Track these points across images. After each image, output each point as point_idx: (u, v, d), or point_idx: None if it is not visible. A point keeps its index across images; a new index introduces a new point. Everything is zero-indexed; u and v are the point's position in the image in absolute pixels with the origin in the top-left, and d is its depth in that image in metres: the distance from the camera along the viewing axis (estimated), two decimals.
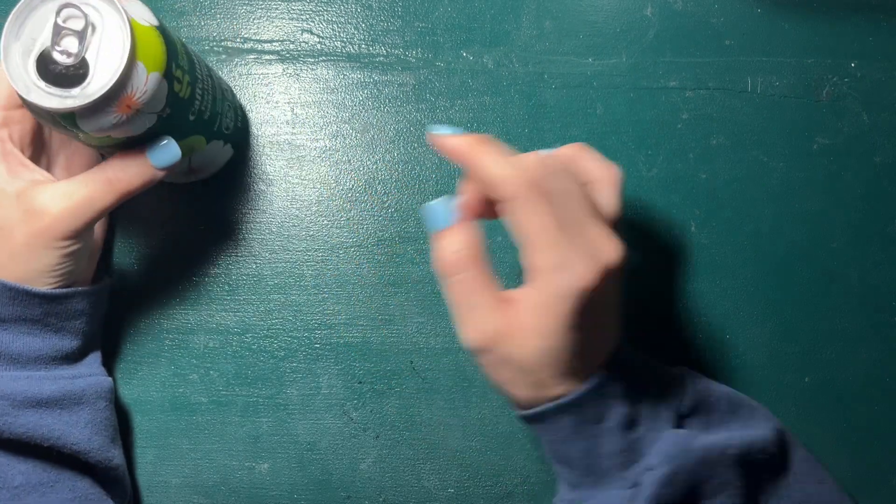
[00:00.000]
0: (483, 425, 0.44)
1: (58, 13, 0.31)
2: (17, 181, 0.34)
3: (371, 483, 0.44)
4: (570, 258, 0.30)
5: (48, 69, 0.32)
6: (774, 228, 0.46)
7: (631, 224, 0.46)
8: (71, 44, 0.31)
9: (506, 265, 0.45)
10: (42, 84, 0.31)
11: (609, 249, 0.30)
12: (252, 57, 0.46)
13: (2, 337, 0.35)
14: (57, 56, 0.31)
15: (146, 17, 0.33)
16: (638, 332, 0.45)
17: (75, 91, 0.31)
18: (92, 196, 0.34)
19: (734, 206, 0.46)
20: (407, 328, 0.45)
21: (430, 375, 0.44)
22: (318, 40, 0.47)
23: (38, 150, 0.38)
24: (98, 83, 0.31)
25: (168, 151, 0.35)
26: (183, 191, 0.45)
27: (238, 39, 0.47)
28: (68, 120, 0.32)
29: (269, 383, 0.44)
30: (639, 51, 0.47)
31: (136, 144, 0.35)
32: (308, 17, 0.47)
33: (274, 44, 0.47)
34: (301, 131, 0.46)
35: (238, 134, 0.44)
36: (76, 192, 0.34)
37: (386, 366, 0.44)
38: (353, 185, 0.46)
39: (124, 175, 0.35)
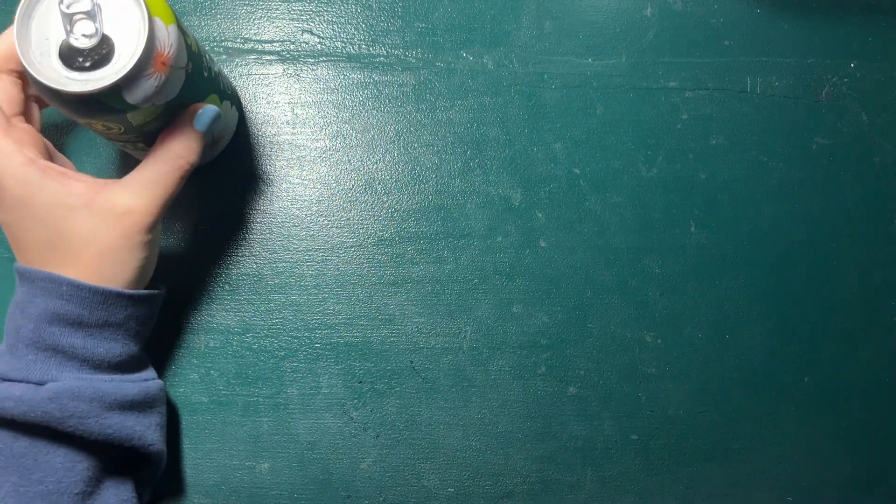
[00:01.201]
0: (483, 425, 0.44)
1: (60, 2, 0.31)
2: (73, 191, 0.34)
3: (371, 483, 0.44)
4: None
5: (73, 63, 0.32)
6: (774, 228, 0.46)
7: (631, 224, 0.46)
8: (86, 26, 0.32)
9: (505, 265, 0.45)
10: (75, 75, 0.31)
11: None
12: (252, 57, 0.46)
13: (86, 342, 0.35)
14: (76, 42, 0.31)
15: None
16: (638, 333, 0.45)
17: (109, 68, 0.32)
18: (167, 181, 0.35)
19: (734, 206, 0.46)
20: (407, 328, 0.45)
21: (430, 375, 0.44)
22: (318, 41, 0.47)
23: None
24: (128, 51, 0.32)
25: (207, 112, 0.36)
26: (182, 190, 0.45)
27: (238, 40, 0.47)
28: (114, 97, 0.32)
29: (269, 383, 0.44)
30: (639, 51, 0.47)
31: (172, 116, 0.36)
32: (308, 17, 0.47)
33: (274, 44, 0.47)
34: (301, 131, 0.46)
35: (237, 96, 0.45)
36: (151, 181, 0.35)
37: (386, 366, 0.44)
38: (353, 185, 0.46)
39: (183, 149, 0.36)
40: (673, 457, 0.45)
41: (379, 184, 0.46)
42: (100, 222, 0.34)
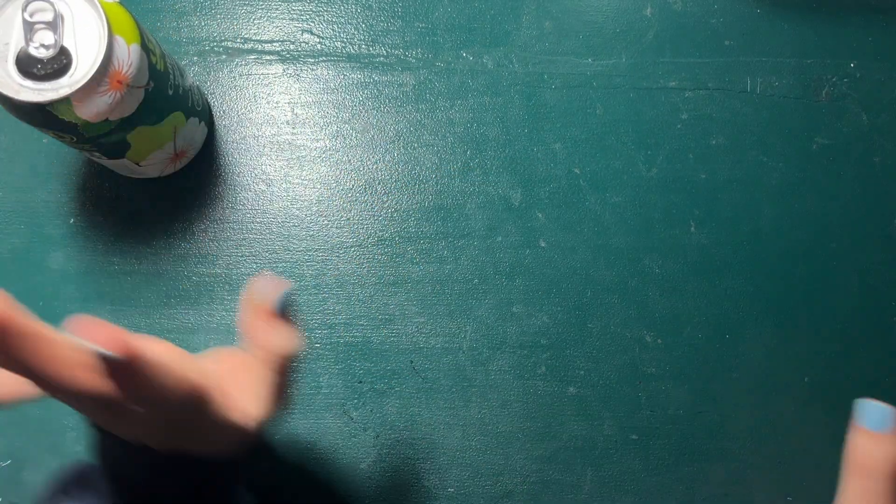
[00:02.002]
0: (483, 425, 0.44)
1: (24, 10, 0.31)
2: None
3: (371, 482, 0.44)
4: None
5: (29, 72, 0.32)
6: (774, 228, 0.46)
7: (631, 224, 0.46)
8: (46, 36, 0.32)
9: (505, 265, 0.45)
10: (29, 83, 0.31)
11: None
12: (252, 57, 0.46)
13: None
14: (35, 52, 0.31)
15: None
16: (638, 333, 0.45)
17: (64, 80, 0.32)
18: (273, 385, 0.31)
19: (734, 206, 0.46)
20: (407, 328, 0.45)
21: (430, 375, 0.44)
22: (318, 40, 0.47)
23: None
24: (84, 65, 0.32)
25: (280, 296, 0.31)
26: (183, 190, 0.45)
27: (238, 40, 0.47)
28: (65, 110, 0.32)
29: None
30: (639, 51, 0.47)
31: (131, 128, 0.35)
32: (308, 17, 0.47)
33: (274, 44, 0.47)
34: (301, 132, 0.46)
35: (208, 112, 0.45)
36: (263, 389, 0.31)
37: (386, 366, 0.44)
38: (353, 185, 0.46)
39: (277, 346, 0.31)
40: (673, 457, 0.45)
41: (379, 184, 0.46)
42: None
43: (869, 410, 0.33)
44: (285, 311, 0.32)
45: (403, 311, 0.45)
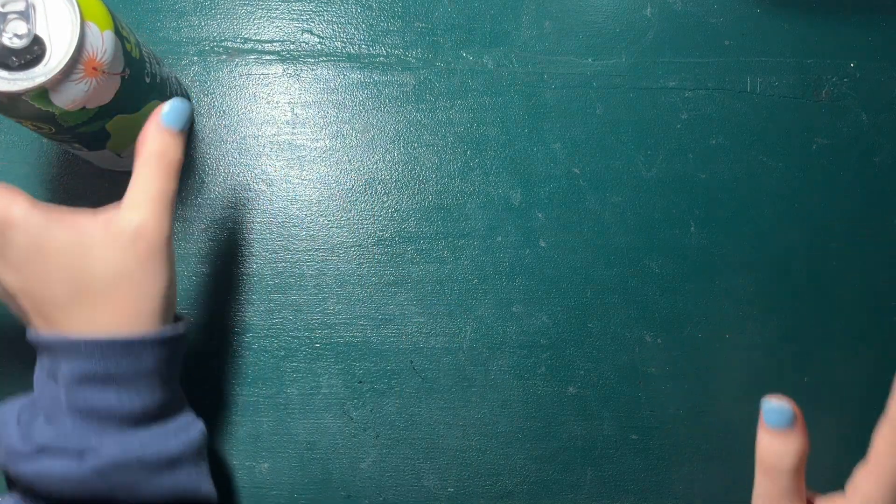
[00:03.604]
0: (483, 425, 0.44)
1: None
2: (83, 229, 0.33)
3: (371, 482, 0.44)
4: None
5: (3, 62, 0.32)
6: (774, 228, 0.46)
7: (631, 224, 0.46)
8: (19, 26, 0.32)
9: (505, 265, 0.45)
10: (3, 73, 0.32)
11: None
12: (252, 57, 0.46)
13: (121, 398, 0.33)
14: (8, 41, 0.32)
15: None
16: (638, 333, 0.45)
17: (38, 69, 0.32)
18: (160, 186, 0.33)
19: (734, 206, 0.46)
20: (407, 328, 0.45)
21: (430, 375, 0.44)
22: (318, 40, 0.47)
23: None
24: (59, 54, 0.32)
25: (179, 108, 0.34)
26: (183, 190, 0.45)
27: (238, 39, 0.47)
28: (41, 99, 0.32)
29: (269, 383, 0.44)
30: (638, 51, 0.47)
31: (108, 119, 0.35)
32: (308, 17, 0.47)
33: (274, 44, 0.47)
34: (301, 131, 0.46)
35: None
36: (147, 191, 0.33)
37: (386, 366, 0.44)
38: (353, 185, 0.46)
39: (160, 148, 0.33)
40: (673, 457, 0.45)
41: (379, 184, 0.46)
42: (118, 251, 0.33)
43: (770, 410, 0.34)
44: (179, 124, 0.35)
45: (403, 311, 0.45)
